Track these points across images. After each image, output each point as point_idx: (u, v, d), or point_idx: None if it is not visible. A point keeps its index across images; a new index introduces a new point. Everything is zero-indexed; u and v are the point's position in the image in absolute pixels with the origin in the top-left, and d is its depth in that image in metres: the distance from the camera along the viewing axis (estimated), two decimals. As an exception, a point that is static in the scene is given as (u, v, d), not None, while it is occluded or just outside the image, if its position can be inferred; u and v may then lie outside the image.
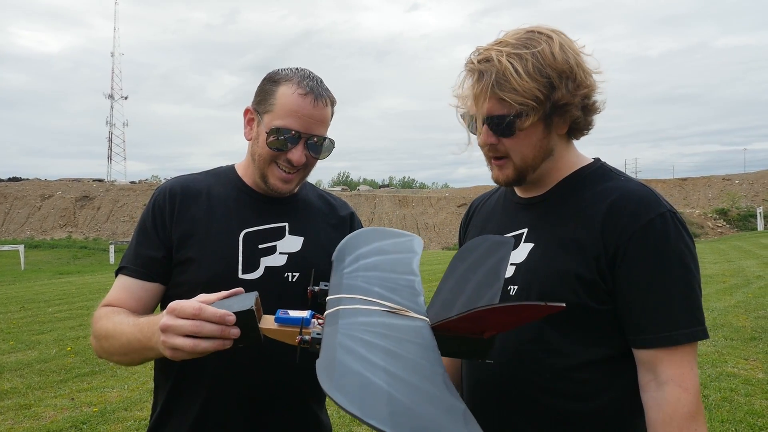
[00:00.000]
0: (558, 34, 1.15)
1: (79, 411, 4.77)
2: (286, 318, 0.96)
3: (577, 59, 1.14)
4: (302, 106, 1.28)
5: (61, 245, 40.57)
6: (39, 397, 5.17)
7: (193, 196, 1.36)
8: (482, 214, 1.43)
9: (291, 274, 1.34)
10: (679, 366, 1.08)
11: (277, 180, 1.33)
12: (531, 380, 1.16)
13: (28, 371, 6.06)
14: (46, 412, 4.78)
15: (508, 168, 1.20)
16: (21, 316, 9.77)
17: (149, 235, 1.33)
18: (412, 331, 0.87)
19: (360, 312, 0.90)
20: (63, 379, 5.71)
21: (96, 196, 50.85)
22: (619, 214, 1.12)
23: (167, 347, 0.98)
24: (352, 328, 0.83)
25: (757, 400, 4.54)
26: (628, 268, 1.10)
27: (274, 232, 1.37)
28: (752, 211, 38.28)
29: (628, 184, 1.18)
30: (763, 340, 6.36)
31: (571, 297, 1.12)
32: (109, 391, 5.26)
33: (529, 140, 1.16)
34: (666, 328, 1.08)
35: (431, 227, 48.75)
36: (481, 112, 1.15)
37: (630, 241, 1.10)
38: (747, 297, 9.23)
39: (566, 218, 1.19)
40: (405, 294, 0.99)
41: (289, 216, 1.40)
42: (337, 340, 0.80)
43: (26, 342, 7.55)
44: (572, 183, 1.23)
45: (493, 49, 1.13)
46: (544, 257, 1.18)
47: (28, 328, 8.57)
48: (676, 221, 1.12)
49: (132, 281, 1.31)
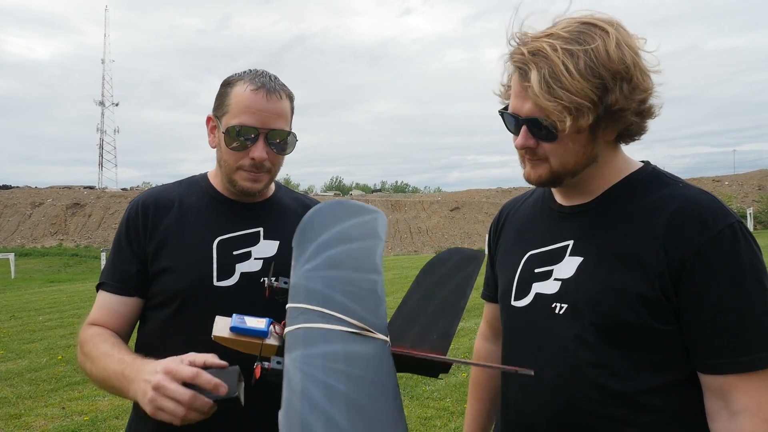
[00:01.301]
0: (615, 27, 1.02)
1: (70, 420, 4.73)
2: (243, 328, 0.95)
3: (635, 58, 1.01)
4: (255, 101, 1.28)
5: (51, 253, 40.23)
6: (29, 407, 5.11)
7: (166, 207, 1.37)
8: (517, 221, 1.31)
9: (267, 278, 1.34)
10: (756, 394, 0.97)
11: (245, 181, 1.33)
12: (587, 405, 1.06)
13: (19, 380, 6.00)
14: (37, 421, 4.73)
15: (543, 168, 1.09)
16: (11, 325, 9.67)
17: (124, 250, 1.34)
18: (373, 363, 0.87)
19: (321, 335, 0.88)
20: (54, 388, 5.66)
21: (87, 203, 50.52)
22: (683, 226, 1.01)
23: (154, 406, 0.98)
24: (314, 366, 0.83)
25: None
26: (697, 286, 0.99)
27: (249, 238, 1.37)
28: (742, 212, 38.56)
29: (689, 191, 1.06)
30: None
31: (631, 317, 1.02)
32: (101, 400, 5.21)
33: (572, 146, 1.05)
34: (742, 352, 0.97)
35: (424, 231, 48.73)
36: (523, 112, 1.05)
37: (698, 256, 0.99)
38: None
39: (620, 230, 1.07)
40: (367, 303, 0.97)
41: (264, 221, 1.40)
42: (301, 385, 0.79)
43: (16, 351, 7.47)
44: (623, 191, 1.11)
45: (544, 41, 1.00)
46: (598, 273, 1.06)
47: (19, 337, 8.48)
48: (746, 233, 1.01)
49: (111, 297, 1.33)
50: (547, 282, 1.13)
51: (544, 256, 1.16)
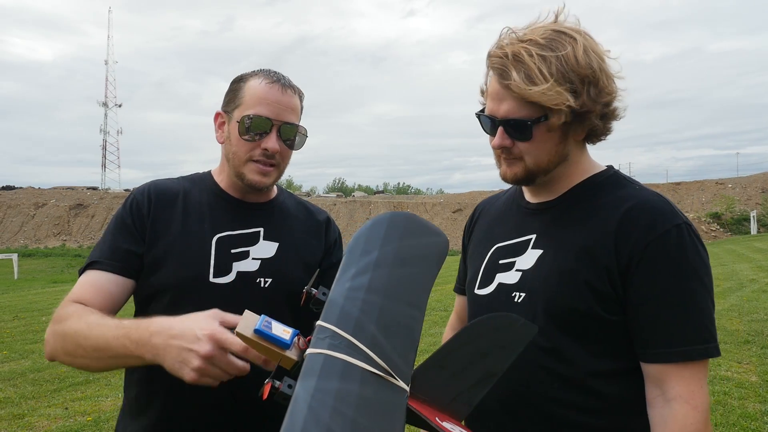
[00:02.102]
0: (583, 35, 1.10)
1: (73, 420, 4.75)
2: (267, 334, 0.92)
3: (601, 64, 1.09)
4: (271, 93, 1.30)
5: (55, 254, 40.32)
6: (32, 407, 5.13)
7: (169, 199, 1.36)
8: (489, 218, 1.38)
9: (263, 279, 1.33)
10: (689, 383, 1.04)
11: (255, 174, 1.32)
12: (537, 388, 1.13)
13: (22, 381, 6.02)
14: (40, 421, 4.75)
15: (519, 167, 1.15)
16: (14, 325, 9.71)
17: (128, 230, 1.30)
18: (384, 415, 0.82)
19: (341, 369, 0.83)
20: (57, 389, 5.68)
21: (90, 204, 50.63)
22: (633, 224, 1.08)
23: (200, 374, 0.96)
24: (323, 403, 0.78)
25: (751, 404, 4.56)
26: (641, 280, 1.06)
27: (248, 238, 1.36)
28: (746, 215, 38.47)
29: (643, 192, 1.14)
30: (757, 344, 6.39)
31: (581, 305, 1.09)
32: (103, 400, 5.24)
33: (546, 145, 1.12)
34: (678, 344, 1.04)
35: (426, 233, 48.35)
36: (499, 113, 1.11)
37: (644, 252, 1.06)
38: (740, 300, 9.27)
39: (577, 225, 1.15)
40: (399, 342, 0.90)
41: (265, 221, 1.40)
42: (302, 423, 0.75)
43: (19, 351, 7.50)
44: (585, 190, 1.19)
45: (521, 46, 1.07)
46: (553, 264, 1.14)
47: (22, 337, 8.51)
48: (692, 233, 1.09)
49: (104, 276, 1.25)
50: (510, 272, 1.20)
51: (509, 248, 1.24)
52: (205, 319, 1.00)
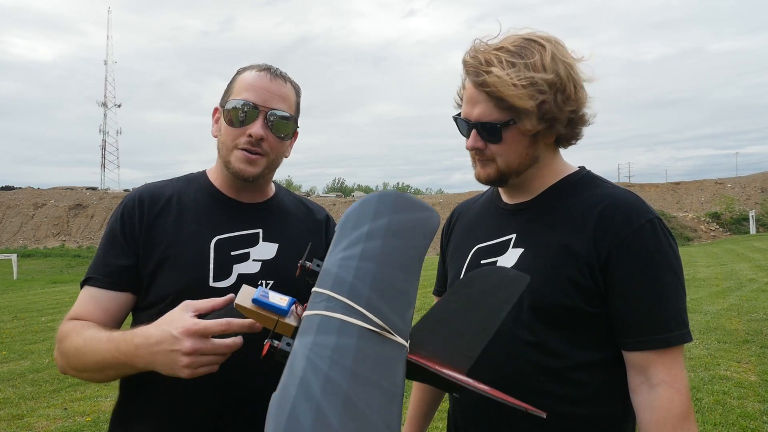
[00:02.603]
0: (553, 43, 1.16)
1: (72, 421, 4.75)
2: (265, 302, 0.94)
3: (569, 71, 1.15)
4: (258, 81, 1.30)
5: (54, 254, 40.30)
6: (32, 407, 5.13)
7: (163, 204, 1.34)
8: (467, 220, 1.43)
9: (265, 281, 1.31)
10: (671, 368, 1.10)
11: (240, 162, 1.30)
12: (523, 380, 1.17)
13: (21, 381, 6.02)
14: (39, 422, 4.75)
15: (491, 168, 1.22)
16: (14, 325, 9.71)
17: (119, 243, 1.29)
18: (383, 366, 0.82)
19: (337, 326, 0.84)
20: (56, 389, 5.68)
21: (89, 204, 50.62)
22: (610, 220, 1.14)
23: (192, 370, 0.98)
24: (321, 355, 0.79)
25: (750, 403, 4.56)
26: (621, 272, 1.12)
27: (248, 239, 1.34)
28: (745, 215, 38.48)
29: (616, 191, 1.21)
30: (756, 343, 6.39)
31: (564, 300, 1.14)
32: (103, 401, 5.23)
33: (516, 147, 1.19)
34: (659, 331, 1.10)
35: (426, 233, 48.42)
36: (473, 116, 1.18)
37: (622, 246, 1.12)
38: (740, 300, 9.28)
39: (555, 224, 1.20)
40: (395, 303, 0.92)
41: (263, 222, 1.38)
42: (302, 372, 0.76)
43: (19, 352, 7.50)
44: (560, 190, 1.25)
45: (492, 53, 1.14)
46: (535, 262, 1.18)
47: (21, 337, 8.51)
48: (664, 228, 1.16)
49: (100, 292, 1.26)
50: None
51: (490, 248, 1.28)
52: (178, 316, 1.02)
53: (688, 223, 38.41)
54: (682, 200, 48.41)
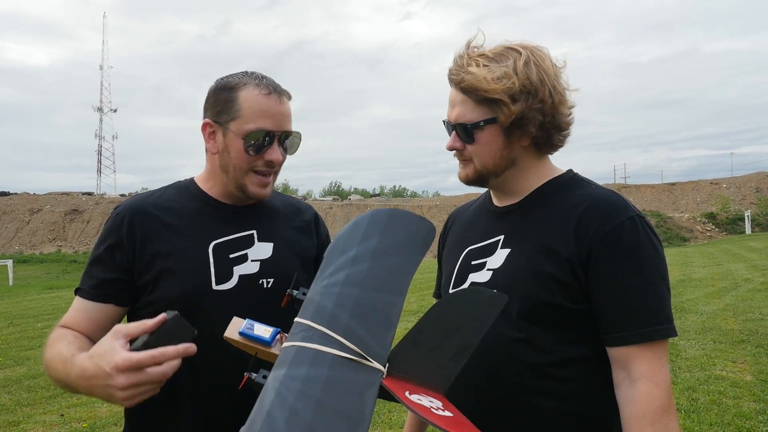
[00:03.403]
0: (530, 50, 1.21)
1: (69, 427, 4.73)
2: (250, 334, 0.99)
3: (543, 77, 1.19)
4: (270, 105, 1.31)
5: (50, 259, 40.22)
6: (28, 414, 5.12)
7: (155, 214, 1.35)
8: (460, 224, 1.47)
9: (265, 280, 1.35)
10: (651, 362, 1.11)
11: (257, 186, 1.35)
12: (508, 375, 1.19)
13: (17, 387, 6.00)
14: (36, 428, 4.74)
15: (470, 168, 1.28)
16: (9, 332, 9.68)
17: (103, 258, 1.33)
18: (351, 395, 0.83)
19: (311, 357, 0.86)
20: (52, 395, 5.66)
21: (85, 209, 50.52)
22: (590, 218, 1.17)
23: (132, 402, 1.02)
24: (290, 388, 0.81)
25: (746, 403, 4.58)
26: (602, 269, 1.14)
27: (243, 241, 1.37)
28: (740, 215, 38.64)
29: (599, 190, 1.24)
30: (752, 343, 6.42)
31: (548, 297, 1.17)
32: (99, 407, 5.22)
33: (489, 148, 1.24)
34: (639, 326, 1.12)
35: (423, 235, 48.42)
36: (452, 118, 1.25)
37: (602, 243, 1.14)
38: (735, 300, 9.31)
39: (540, 224, 1.23)
40: (375, 327, 0.92)
41: (256, 223, 1.41)
42: (269, 406, 0.79)
43: (15, 358, 7.48)
44: (546, 191, 1.28)
45: (472, 59, 1.21)
46: (520, 260, 1.22)
47: (17, 344, 8.48)
48: (645, 225, 1.18)
49: (87, 303, 1.31)
50: (481, 272, 1.29)
51: (480, 250, 1.32)
52: (109, 347, 1.03)
53: (684, 224, 38.55)
54: (678, 201, 48.58)
